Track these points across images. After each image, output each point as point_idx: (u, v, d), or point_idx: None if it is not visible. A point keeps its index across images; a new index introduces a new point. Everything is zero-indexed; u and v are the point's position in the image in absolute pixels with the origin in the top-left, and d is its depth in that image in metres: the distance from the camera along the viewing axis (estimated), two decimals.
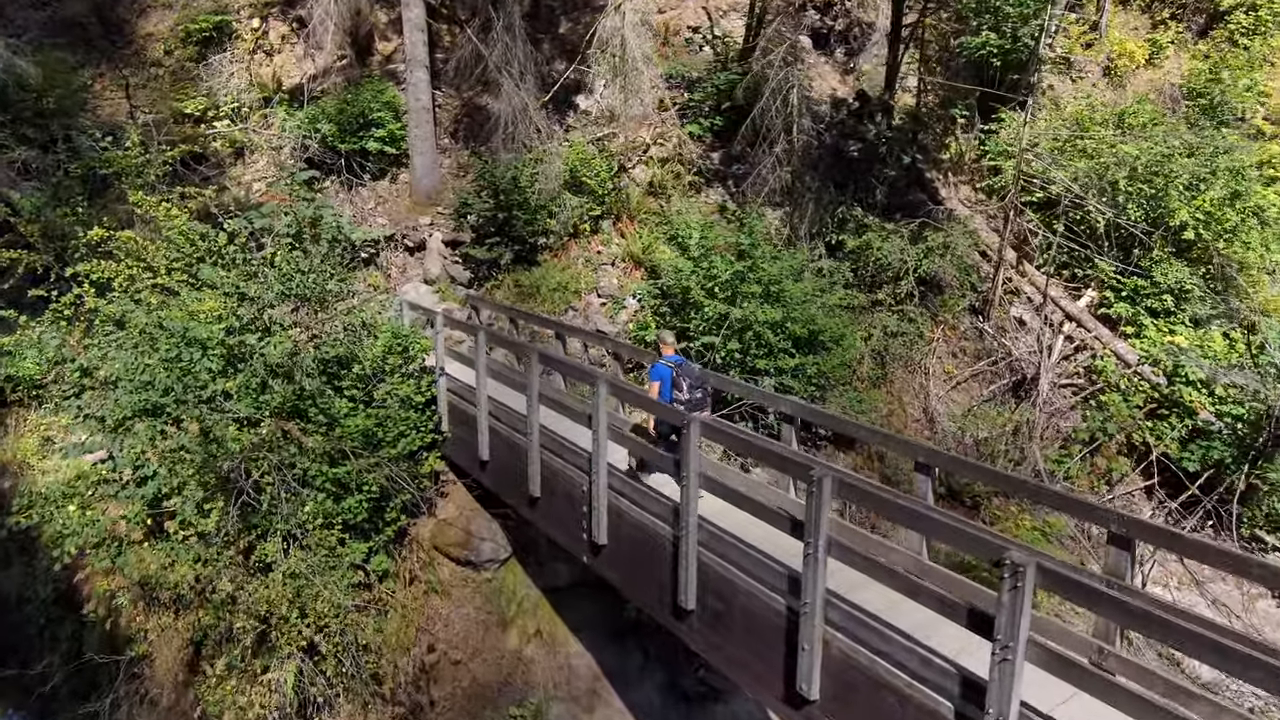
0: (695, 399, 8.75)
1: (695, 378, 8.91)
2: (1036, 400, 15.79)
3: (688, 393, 8.73)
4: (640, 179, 18.52)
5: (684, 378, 8.79)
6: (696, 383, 8.82)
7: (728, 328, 13.04)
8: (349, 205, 18.83)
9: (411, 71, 17.82)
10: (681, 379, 8.77)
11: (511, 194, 15.95)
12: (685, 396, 8.72)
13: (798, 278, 14.18)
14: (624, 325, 15.39)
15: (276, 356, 10.34)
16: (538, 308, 15.50)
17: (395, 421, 11.03)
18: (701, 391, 8.89)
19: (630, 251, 16.33)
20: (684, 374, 8.82)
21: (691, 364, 9.21)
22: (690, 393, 8.74)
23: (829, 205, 16.38)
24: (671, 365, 8.91)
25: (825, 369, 13.18)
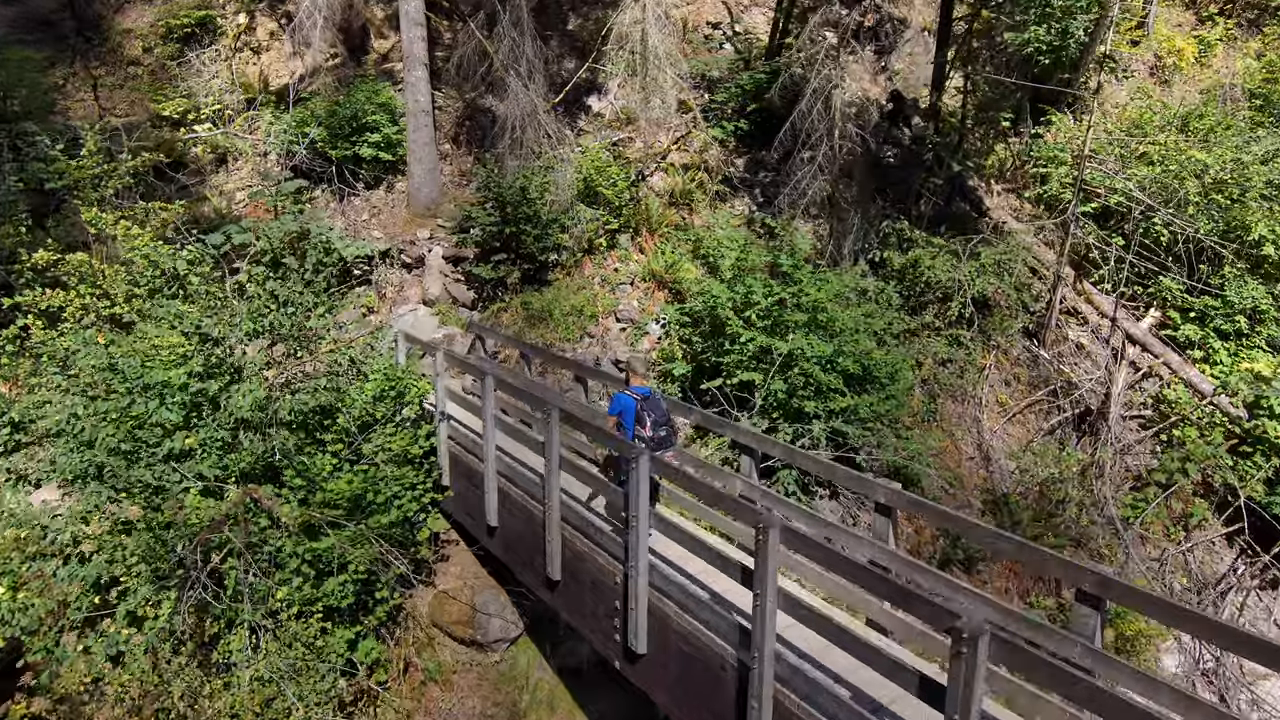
0: (660, 437, 7.69)
1: (661, 414, 7.81)
2: (1107, 437, 13.99)
3: (651, 430, 7.65)
4: (660, 188, 16.71)
5: (649, 413, 7.68)
6: (662, 419, 7.78)
7: (769, 362, 11.24)
8: (340, 217, 17.00)
9: (409, 70, 15.99)
10: (646, 414, 7.67)
11: (520, 206, 14.13)
12: (649, 434, 7.62)
13: (845, 302, 12.39)
14: (646, 354, 13.58)
15: (245, 408, 8.52)
16: (550, 334, 13.68)
17: (387, 482, 9.21)
18: (667, 430, 7.83)
19: (652, 270, 14.51)
20: (649, 409, 7.70)
21: (659, 398, 8.04)
22: (654, 430, 7.67)
23: (875, 219, 14.58)
24: (637, 398, 7.77)
25: (882, 410, 11.38)
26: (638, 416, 7.72)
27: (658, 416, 7.76)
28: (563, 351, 13.57)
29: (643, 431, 7.68)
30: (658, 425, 7.73)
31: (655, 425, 7.70)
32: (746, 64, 18.96)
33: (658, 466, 6.76)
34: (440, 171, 17.26)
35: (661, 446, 7.67)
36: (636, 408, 7.74)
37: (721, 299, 11.55)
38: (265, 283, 9.35)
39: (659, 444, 7.65)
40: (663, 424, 7.79)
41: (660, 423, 7.76)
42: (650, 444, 7.54)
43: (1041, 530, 12.46)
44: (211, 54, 19.94)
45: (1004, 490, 13.69)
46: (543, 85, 15.94)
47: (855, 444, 11.33)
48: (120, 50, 19.87)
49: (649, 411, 7.72)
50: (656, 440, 7.66)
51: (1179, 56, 20.82)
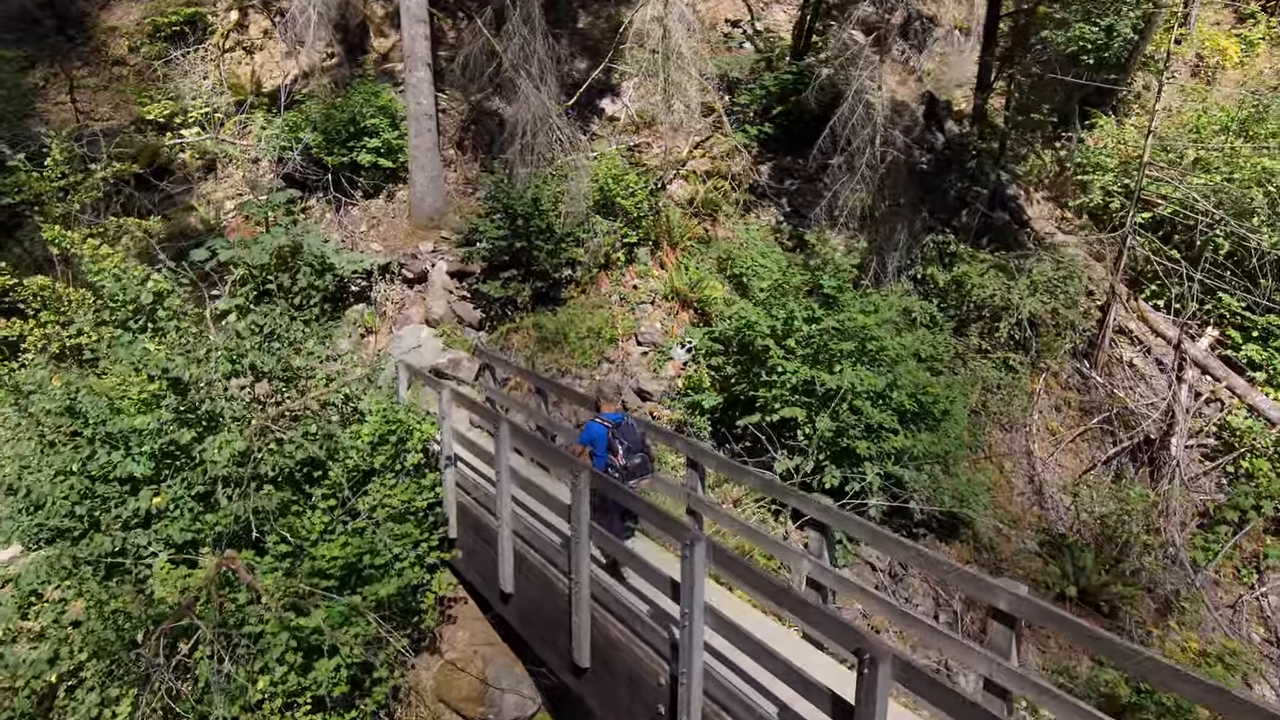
0: (633, 465, 7.25)
1: (634, 440, 7.35)
2: (1172, 470, 12.72)
3: (624, 458, 7.23)
4: (681, 197, 15.43)
5: (621, 440, 7.25)
6: (635, 446, 7.34)
7: (813, 395, 9.97)
8: (337, 228, 15.71)
9: (411, 71, 14.70)
10: (618, 442, 7.24)
11: (532, 218, 12.84)
12: (621, 462, 7.22)
13: (894, 327, 11.13)
14: (670, 381, 12.31)
15: (222, 463, 7.25)
16: (564, 359, 12.40)
17: (386, 543, 7.94)
18: (641, 457, 7.36)
19: (675, 287, 13.23)
20: (622, 436, 7.27)
21: (633, 424, 7.53)
22: (627, 458, 7.24)
23: (919, 232, 13.31)
24: (608, 425, 7.32)
25: (940, 450, 10.12)
26: (609, 445, 7.27)
27: (631, 443, 7.30)
28: (579, 379, 12.30)
29: (615, 460, 7.25)
30: (631, 453, 7.28)
31: (629, 453, 7.26)
32: (770, 64, 17.67)
33: (718, 555, 5.48)
34: (444, 179, 15.97)
35: (635, 475, 7.28)
36: (608, 435, 7.28)
37: (759, 325, 10.27)
38: (247, 314, 8.06)
39: (632, 472, 7.25)
40: (637, 451, 7.33)
41: (634, 450, 7.31)
42: (623, 473, 7.21)
43: (1109, 580, 11.20)
44: (201, 54, 18.69)
45: (1060, 530, 12.43)
46: (555, 87, 14.65)
47: (911, 490, 10.07)
48: (105, 50, 18.59)
49: (621, 439, 7.27)
50: (630, 469, 7.25)
51: (1223, 56, 19.54)
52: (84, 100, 17.69)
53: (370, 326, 14.46)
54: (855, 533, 6.12)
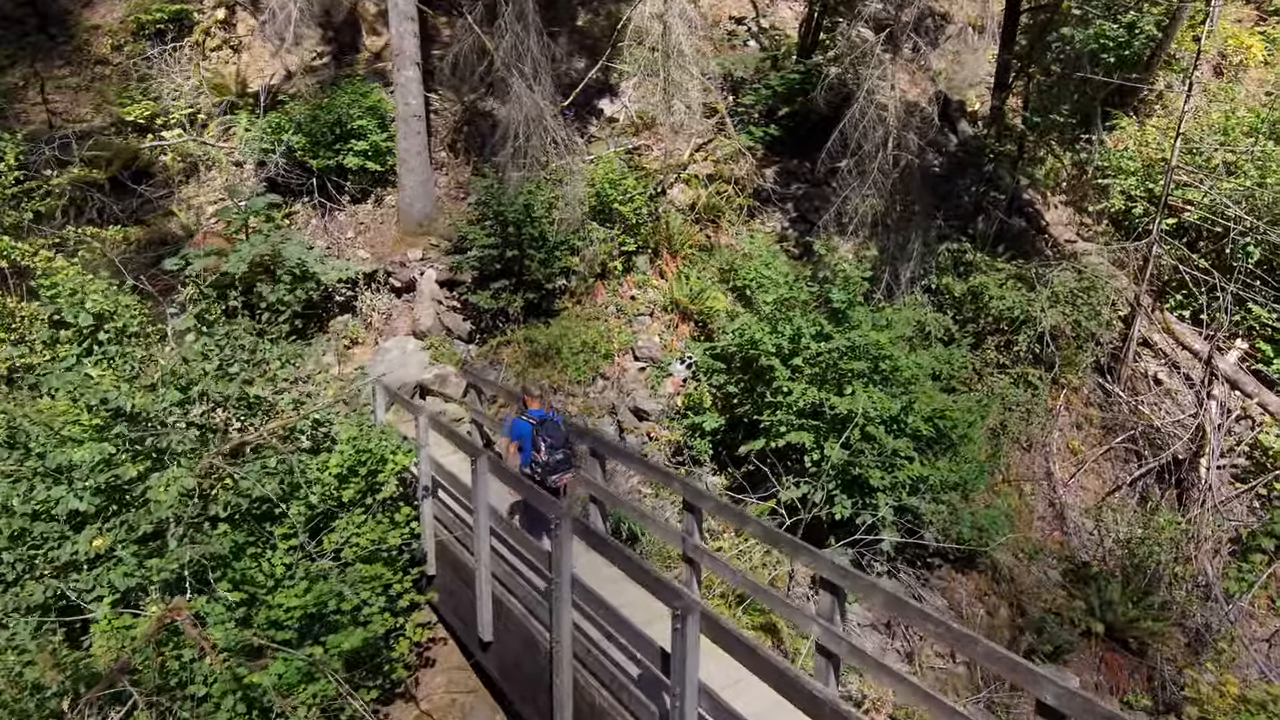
0: (555, 461, 7.62)
1: (558, 438, 7.71)
2: (1203, 494, 11.92)
3: (546, 454, 7.60)
4: (682, 202, 14.65)
5: (544, 437, 7.63)
6: (558, 443, 7.68)
7: (822, 419, 9.20)
8: (323, 234, 14.98)
9: (399, 70, 13.96)
10: (541, 438, 7.63)
11: (524, 225, 12.09)
12: (544, 458, 7.59)
13: (907, 343, 10.34)
14: (669, 400, 11.54)
15: (167, 503, 6.51)
16: (557, 375, 11.64)
17: (355, 587, 7.20)
18: (563, 453, 7.71)
19: (674, 298, 12.46)
20: (545, 433, 7.66)
21: (558, 421, 7.90)
22: (550, 454, 7.61)
23: (933, 239, 12.50)
24: (533, 422, 7.70)
25: (958, 478, 9.32)
26: (534, 441, 7.64)
27: (554, 440, 7.65)
28: (572, 396, 11.54)
29: (538, 456, 7.62)
30: (553, 449, 7.63)
31: (550, 449, 7.61)
32: (775, 63, 16.89)
33: (712, 627, 4.72)
34: (435, 183, 15.24)
35: (556, 470, 7.62)
36: (533, 432, 7.65)
37: (764, 342, 9.49)
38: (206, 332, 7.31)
39: (554, 468, 7.62)
40: (559, 448, 7.66)
41: (556, 446, 7.64)
42: (545, 468, 7.58)
43: (1137, 614, 10.40)
44: (186, 53, 17.99)
45: (1084, 558, 11.63)
46: (550, 86, 13.88)
47: (927, 521, 9.29)
48: (87, 49, 17.85)
49: (545, 436, 7.63)
50: (552, 464, 7.61)
51: (1248, 54, 18.69)
52: (65, 101, 16.98)
53: (356, 338, 13.73)
54: (872, 598, 5.36)
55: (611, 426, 11.11)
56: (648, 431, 11.23)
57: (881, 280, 11.61)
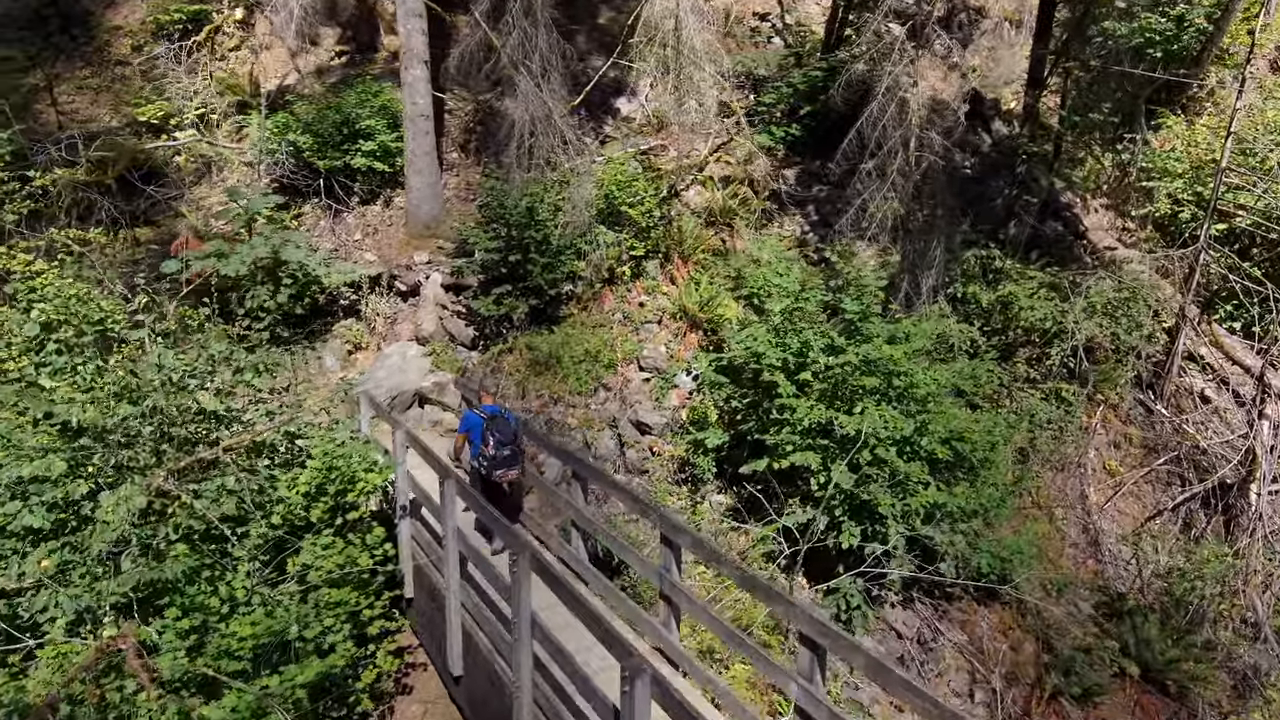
0: (501, 456, 7.78)
1: (507, 434, 7.83)
2: (1253, 523, 10.98)
3: (494, 448, 7.76)
4: (697, 205, 14.06)
5: (493, 432, 7.78)
6: (506, 439, 7.82)
7: (830, 438, 8.54)
8: (331, 236, 14.67)
9: (407, 68, 13.58)
10: (490, 433, 7.78)
11: (526, 229, 11.62)
12: (491, 452, 7.77)
13: (926, 356, 9.63)
14: (674, 412, 10.95)
15: (114, 524, 6.13)
16: (558, 385, 11.13)
17: (318, 613, 6.76)
18: (510, 449, 7.85)
19: (683, 305, 11.87)
20: (495, 428, 7.80)
21: (509, 418, 7.98)
22: (497, 449, 7.77)
23: (958, 245, 11.74)
24: (485, 416, 7.88)
25: (977, 505, 8.60)
26: (483, 435, 7.81)
27: (502, 436, 7.78)
28: (572, 407, 11.02)
29: (486, 450, 7.78)
30: (501, 445, 7.77)
31: (499, 444, 7.76)
32: (799, 60, 16.21)
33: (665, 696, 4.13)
34: (445, 185, 14.86)
35: (501, 466, 7.78)
36: (483, 426, 7.83)
37: (768, 355, 8.86)
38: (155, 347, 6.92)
39: (500, 463, 7.77)
40: (507, 444, 7.80)
41: (504, 442, 7.79)
42: (491, 462, 7.75)
43: (1178, 655, 9.55)
44: (205, 53, 17.89)
45: (1119, 589, 10.78)
46: (562, 85, 13.36)
47: (942, 551, 8.58)
48: (108, 49, 17.85)
49: (494, 431, 7.78)
50: (499, 459, 7.76)
51: None
52: (84, 102, 16.97)
53: (359, 343, 13.39)
54: (852, 659, 4.73)
55: (612, 440, 10.57)
56: (650, 446, 10.66)
57: (900, 289, 10.89)
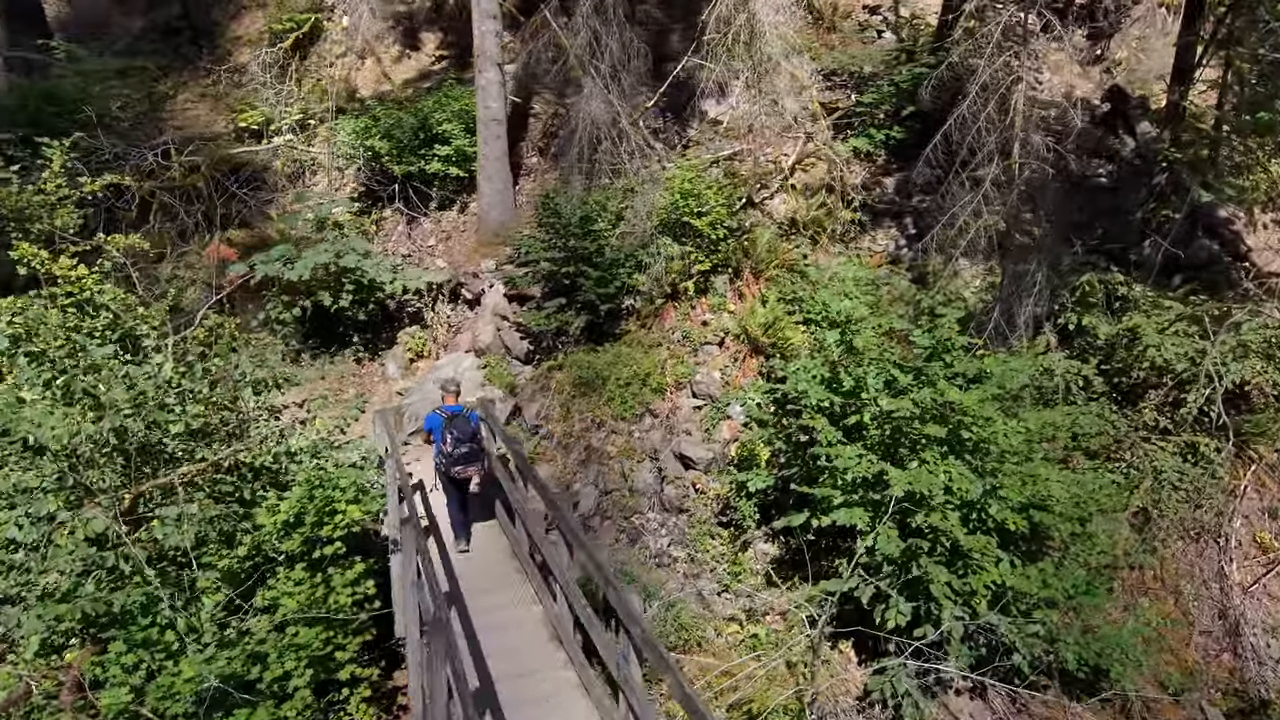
0: (460, 454, 8.22)
1: (465, 432, 8.29)
2: None
3: (452, 445, 8.20)
4: (781, 215, 12.88)
5: (452, 430, 8.21)
6: (465, 437, 8.26)
7: (881, 491, 7.25)
8: (407, 241, 14.56)
9: (481, 71, 13.18)
10: (449, 431, 8.20)
11: (581, 239, 10.89)
12: (449, 449, 8.19)
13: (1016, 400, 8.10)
14: (724, 446, 9.88)
15: (68, 547, 5.85)
16: (600, 409, 10.31)
17: (282, 653, 6.26)
18: (469, 447, 8.29)
19: (746, 327, 10.76)
20: (454, 426, 8.24)
21: (470, 416, 8.50)
22: (455, 446, 8.20)
23: (1071, 267, 9.99)
24: (445, 415, 8.32)
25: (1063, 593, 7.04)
26: (442, 434, 8.19)
27: (460, 434, 8.16)
28: (614, 433, 10.16)
29: (444, 447, 8.17)
30: (459, 442, 8.15)
31: (456, 442, 8.14)
32: (910, 56, 14.61)
33: None
34: (520, 190, 14.38)
35: (460, 463, 8.19)
36: (443, 425, 8.20)
37: (810, 394, 7.66)
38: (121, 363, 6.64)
39: (457, 460, 8.17)
40: (465, 441, 8.18)
41: (462, 439, 8.16)
42: (449, 459, 8.17)
43: None
44: (314, 59, 18.38)
45: (1263, 693, 8.77)
46: (636, 86, 12.58)
47: (1010, 641, 7.10)
48: (228, 58, 18.69)
49: (452, 429, 8.15)
50: (457, 456, 8.16)
51: None
52: (204, 108, 17.75)
53: (421, 351, 13.12)
54: None
55: (651, 473, 9.63)
56: (693, 482, 9.64)
57: (992, 316, 9.30)
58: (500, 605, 7.05)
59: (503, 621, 6.84)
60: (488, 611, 6.96)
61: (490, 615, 6.91)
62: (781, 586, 8.60)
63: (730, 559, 9.04)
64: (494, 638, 6.59)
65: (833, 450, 7.20)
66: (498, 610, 6.96)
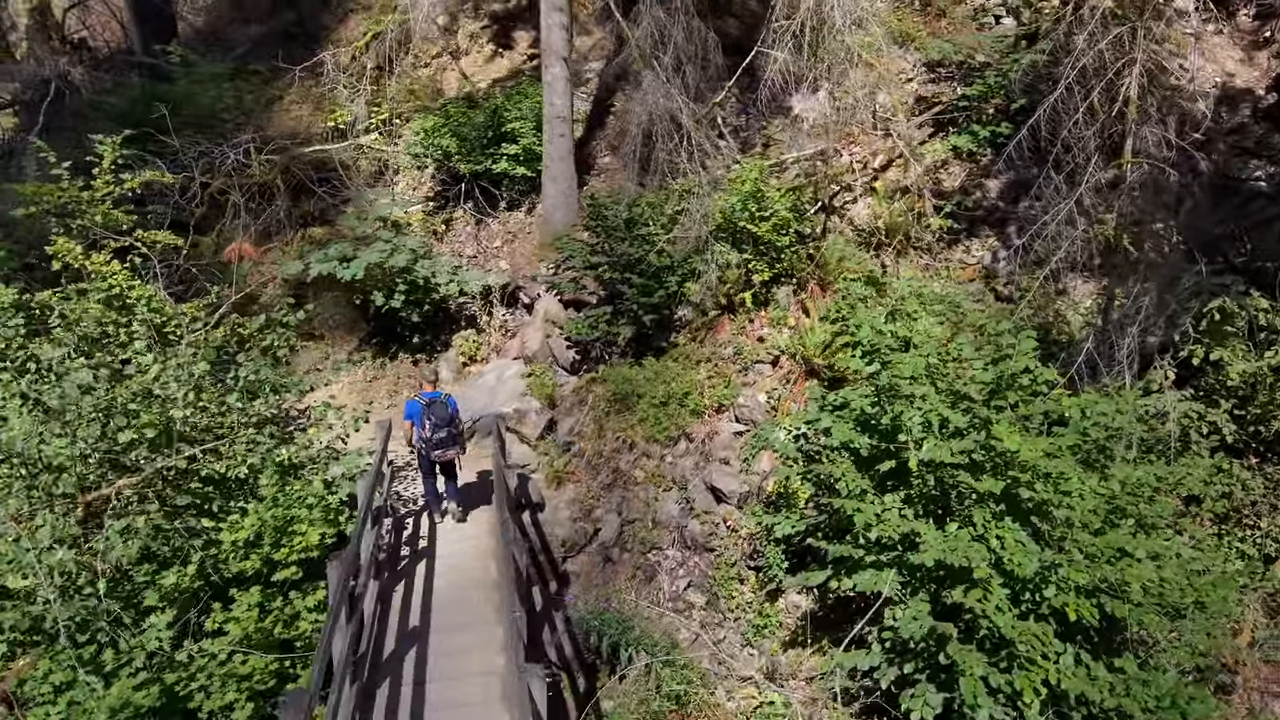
0: (438, 438, 8.24)
1: (444, 417, 8.28)
2: None
3: (431, 430, 8.21)
4: (862, 219, 11.55)
5: (430, 415, 8.23)
6: (443, 421, 8.26)
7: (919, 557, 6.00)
8: (473, 243, 14.20)
9: (547, 67, 12.59)
10: (427, 417, 8.22)
11: (627, 244, 10.06)
12: (428, 434, 8.22)
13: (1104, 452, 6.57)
14: (762, 479, 8.76)
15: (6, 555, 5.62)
16: (632, 430, 9.43)
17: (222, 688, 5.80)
18: (447, 431, 8.26)
19: (800, 347, 9.57)
20: (432, 412, 8.25)
21: (446, 404, 8.39)
22: (434, 431, 8.22)
23: (1194, 289, 8.20)
24: (424, 401, 8.32)
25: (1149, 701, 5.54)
26: (421, 419, 8.22)
27: (438, 419, 8.20)
28: (646, 457, 9.24)
29: (423, 432, 8.22)
30: (437, 427, 8.19)
31: (435, 427, 8.19)
32: (1031, 41, 12.84)
33: None
34: (587, 191, 13.68)
35: (440, 446, 8.24)
36: (421, 411, 8.23)
37: (835, 433, 6.46)
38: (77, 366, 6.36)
39: (437, 444, 8.22)
40: (443, 426, 8.21)
41: (440, 424, 8.20)
42: (428, 443, 8.21)
43: None
44: (410, 60, 18.50)
45: None
46: (708, 80, 11.59)
47: None
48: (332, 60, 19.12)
49: (430, 414, 8.20)
50: (435, 441, 8.20)
51: None
52: (307, 109, 18.20)
53: (473, 355, 12.69)
54: None
55: (677, 504, 8.66)
56: (724, 517, 8.59)
57: (1082, 348, 7.67)
58: (463, 649, 6.33)
59: (461, 670, 6.12)
60: (449, 655, 6.27)
61: (450, 661, 6.21)
62: (810, 648, 7.45)
63: (757, 609, 7.95)
64: (443, 690, 5.88)
65: (852, 503, 6.01)
66: (459, 656, 6.25)
